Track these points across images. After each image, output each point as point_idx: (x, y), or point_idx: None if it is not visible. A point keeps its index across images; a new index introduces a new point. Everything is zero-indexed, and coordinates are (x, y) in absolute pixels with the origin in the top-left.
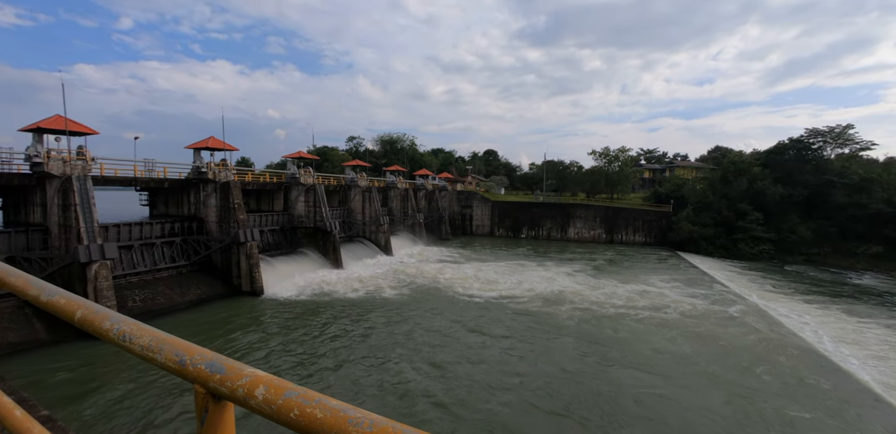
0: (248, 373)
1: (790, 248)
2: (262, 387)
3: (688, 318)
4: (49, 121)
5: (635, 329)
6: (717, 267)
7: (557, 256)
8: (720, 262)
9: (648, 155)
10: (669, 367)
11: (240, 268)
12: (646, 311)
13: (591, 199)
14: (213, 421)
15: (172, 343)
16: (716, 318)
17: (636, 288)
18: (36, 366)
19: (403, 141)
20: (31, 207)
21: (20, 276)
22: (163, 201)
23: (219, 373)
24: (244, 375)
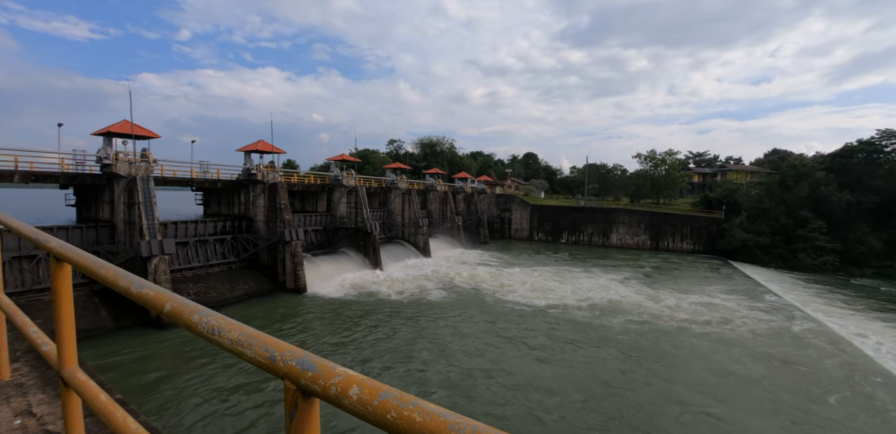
0: (339, 372)
1: (858, 259)
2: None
3: (752, 336)
4: (117, 126)
5: (696, 345)
6: (775, 278)
7: (601, 263)
8: (777, 273)
9: (698, 158)
10: (727, 389)
11: (285, 266)
12: (706, 325)
13: (635, 204)
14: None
15: (261, 338)
16: (781, 337)
17: (695, 299)
18: (101, 349)
19: (443, 144)
20: (101, 205)
21: (110, 268)
22: (216, 201)
23: (310, 370)
24: (336, 374)
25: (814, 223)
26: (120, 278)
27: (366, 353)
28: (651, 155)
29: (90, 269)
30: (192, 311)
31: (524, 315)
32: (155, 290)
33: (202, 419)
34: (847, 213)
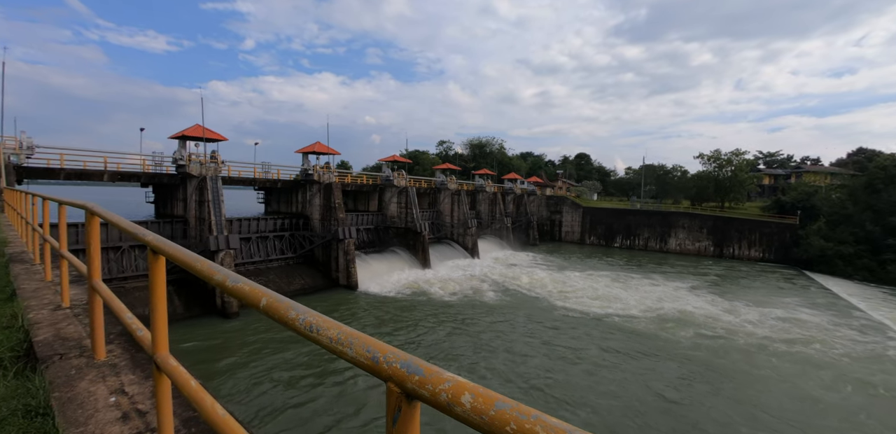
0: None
1: None
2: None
3: (845, 359)
4: (191, 130)
5: (777, 366)
6: (860, 292)
7: (660, 269)
8: (862, 286)
9: (769, 158)
10: (814, 417)
11: (338, 263)
12: (789, 344)
13: (696, 208)
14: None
15: (361, 338)
16: (881, 361)
17: (773, 313)
18: (175, 336)
19: (492, 145)
20: (176, 202)
21: (205, 262)
22: (276, 199)
23: (417, 374)
24: (445, 379)
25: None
26: (215, 272)
27: (417, 352)
28: (715, 155)
29: (186, 262)
30: (288, 308)
31: (580, 322)
32: (249, 285)
33: (270, 407)
34: None
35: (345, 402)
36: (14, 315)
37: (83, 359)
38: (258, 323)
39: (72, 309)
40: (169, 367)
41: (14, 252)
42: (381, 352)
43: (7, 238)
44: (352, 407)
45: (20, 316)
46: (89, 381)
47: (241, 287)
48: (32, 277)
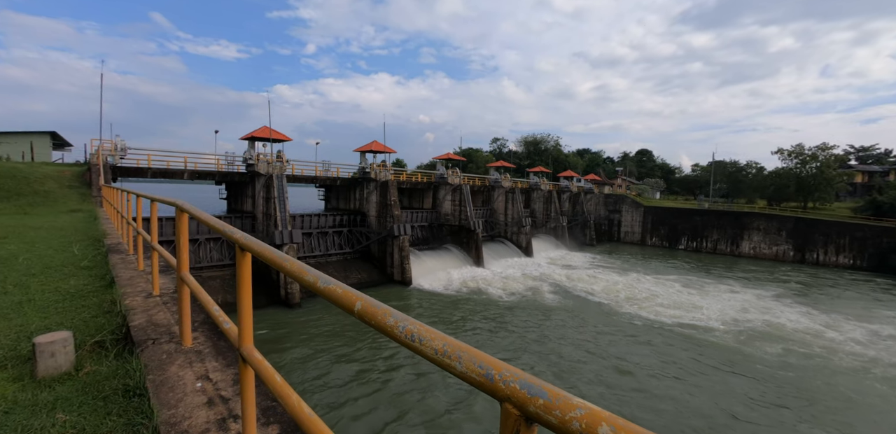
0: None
1: None
2: (608, 426)
3: None
4: (259, 131)
5: (886, 394)
6: None
7: (733, 274)
8: None
9: (862, 153)
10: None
11: (392, 259)
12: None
13: (774, 208)
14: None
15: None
16: None
17: (884, 330)
18: None
19: (547, 141)
20: (245, 198)
21: (294, 262)
22: (335, 197)
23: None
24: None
25: None
26: (305, 273)
27: None
28: (798, 150)
29: (275, 261)
30: (385, 313)
31: (651, 331)
32: (342, 287)
33: (338, 401)
34: None
35: (424, 404)
36: (113, 301)
37: (172, 344)
38: (321, 313)
39: (161, 297)
40: (254, 361)
41: (112, 243)
42: (495, 369)
43: (106, 230)
44: (434, 407)
45: (118, 302)
46: (178, 366)
47: (334, 289)
48: (127, 267)
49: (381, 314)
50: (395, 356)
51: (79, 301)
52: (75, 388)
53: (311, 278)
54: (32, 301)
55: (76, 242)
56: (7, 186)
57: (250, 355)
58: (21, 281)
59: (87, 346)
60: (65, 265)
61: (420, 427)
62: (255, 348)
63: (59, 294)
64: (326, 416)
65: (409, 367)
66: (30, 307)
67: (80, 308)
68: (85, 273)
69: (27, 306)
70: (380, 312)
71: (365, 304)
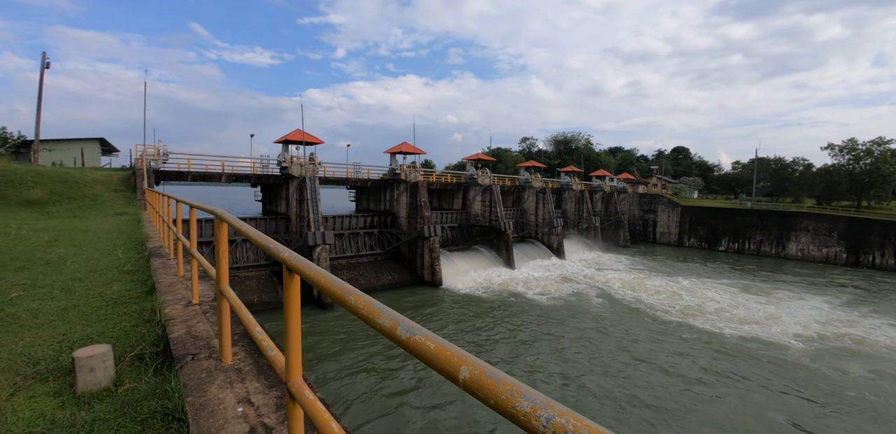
0: None
1: None
2: None
3: None
4: (292, 134)
5: None
6: None
7: (784, 278)
8: None
9: None
10: None
11: (423, 260)
12: None
13: (824, 208)
14: None
15: None
16: None
17: None
18: (279, 321)
19: (578, 140)
20: (279, 200)
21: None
22: (366, 198)
23: None
24: None
25: None
26: (380, 314)
27: (498, 355)
28: (851, 145)
29: (333, 291)
30: (513, 391)
31: (698, 341)
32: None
33: (366, 403)
34: None
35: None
36: (153, 309)
37: (212, 361)
38: (351, 316)
39: (200, 305)
40: (305, 401)
41: (154, 247)
42: None
43: (149, 234)
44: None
45: (158, 311)
46: (218, 387)
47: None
48: (168, 272)
49: (504, 392)
50: None
51: (120, 308)
52: (114, 407)
53: (389, 323)
54: (77, 307)
55: (120, 246)
56: (59, 191)
57: (300, 393)
58: (68, 285)
59: (127, 360)
60: (109, 269)
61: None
62: (305, 384)
63: (103, 300)
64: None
65: None
66: (74, 314)
67: (121, 316)
68: (127, 278)
69: (71, 313)
70: (503, 389)
71: (473, 369)
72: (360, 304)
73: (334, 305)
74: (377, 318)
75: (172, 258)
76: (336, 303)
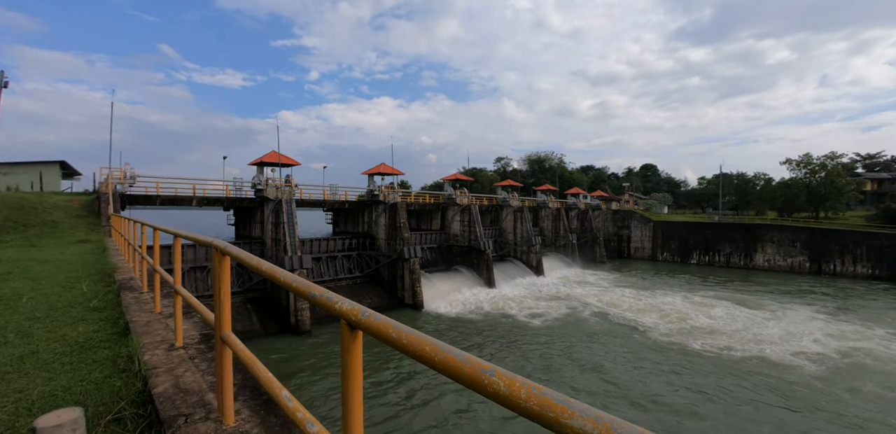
0: None
1: None
2: None
3: None
4: (267, 156)
5: None
6: None
7: (753, 289)
8: None
9: (869, 161)
10: None
11: (403, 282)
12: None
13: (786, 219)
14: None
15: None
16: None
17: None
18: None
19: (551, 159)
20: (254, 224)
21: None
22: (343, 220)
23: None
24: None
25: None
26: (425, 343)
27: None
28: (806, 160)
29: (383, 334)
30: None
31: (684, 359)
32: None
33: None
34: None
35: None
36: (130, 356)
37: (211, 423)
38: (333, 340)
39: (186, 349)
40: None
41: (123, 279)
42: None
43: (116, 264)
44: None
45: (136, 357)
46: None
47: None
48: (143, 308)
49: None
50: (427, 386)
51: (89, 354)
52: None
53: (435, 351)
54: (36, 354)
55: (85, 278)
56: (14, 217)
57: None
58: (24, 327)
59: (102, 426)
60: (72, 306)
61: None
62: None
63: (67, 344)
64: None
65: (450, 397)
66: (32, 363)
67: (90, 364)
68: (95, 316)
69: (29, 361)
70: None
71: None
72: (405, 339)
73: (311, 332)
74: (424, 346)
75: (146, 292)
76: (376, 336)
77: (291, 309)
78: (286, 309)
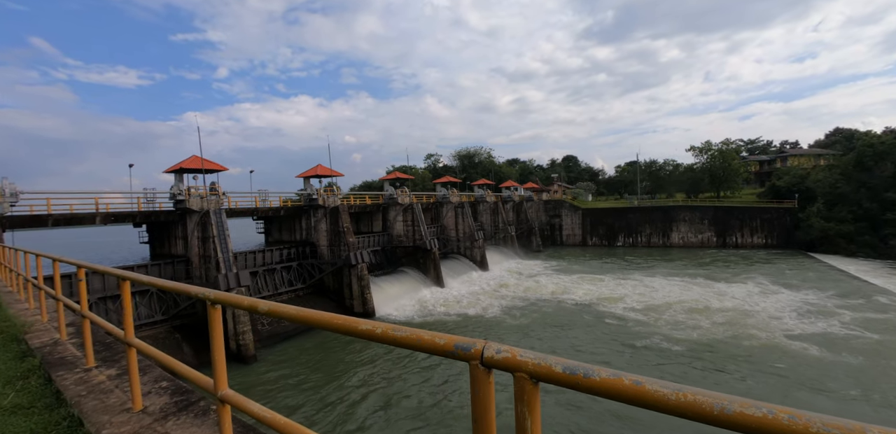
0: None
1: None
2: None
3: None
4: (188, 162)
5: None
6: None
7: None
8: (868, 262)
9: (750, 145)
10: None
11: (351, 289)
12: None
13: (693, 200)
14: None
15: None
16: None
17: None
18: None
19: (481, 154)
20: (174, 240)
21: None
22: (277, 228)
23: None
24: None
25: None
26: None
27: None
28: (706, 146)
29: None
30: None
31: (635, 330)
32: None
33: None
34: None
35: None
36: None
37: None
38: (284, 364)
39: None
40: None
41: (42, 345)
42: None
43: (25, 320)
44: None
45: None
46: None
47: None
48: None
49: None
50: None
51: None
52: None
53: None
54: None
55: None
56: None
57: None
58: None
59: None
60: None
61: None
62: None
63: None
64: None
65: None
66: None
67: None
68: (22, 423)
69: None
70: None
71: None
72: None
73: (258, 358)
74: None
75: (93, 365)
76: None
77: (231, 333)
78: (223, 333)
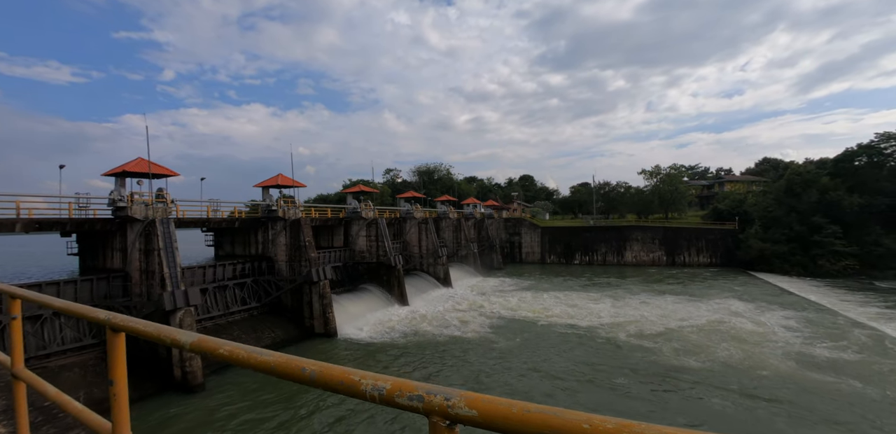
0: None
1: (877, 262)
2: None
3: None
4: (132, 164)
5: None
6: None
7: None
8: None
9: (691, 171)
10: None
11: (311, 308)
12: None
13: (643, 221)
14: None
15: None
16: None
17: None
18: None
19: (440, 170)
20: (111, 252)
21: None
22: (229, 241)
23: None
24: None
25: (828, 228)
26: None
27: None
28: (656, 170)
29: None
30: None
31: (601, 345)
32: None
33: None
34: (859, 217)
35: None
36: None
37: None
38: (235, 393)
39: None
40: None
41: None
42: None
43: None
44: None
45: None
46: None
47: None
48: None
49: None
50: None
51: None
52: None
53: None
54: None
55: None
56: None
57: None
58: None
59: None
60: None
61: None
62: None
63: None
64: None
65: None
66: None
67: None
68: None
69: None
70: None
71: None
72: None
73: (205, 386)
74: None
75: None
76: None
77: (175, 359)
78: (167, 360)
